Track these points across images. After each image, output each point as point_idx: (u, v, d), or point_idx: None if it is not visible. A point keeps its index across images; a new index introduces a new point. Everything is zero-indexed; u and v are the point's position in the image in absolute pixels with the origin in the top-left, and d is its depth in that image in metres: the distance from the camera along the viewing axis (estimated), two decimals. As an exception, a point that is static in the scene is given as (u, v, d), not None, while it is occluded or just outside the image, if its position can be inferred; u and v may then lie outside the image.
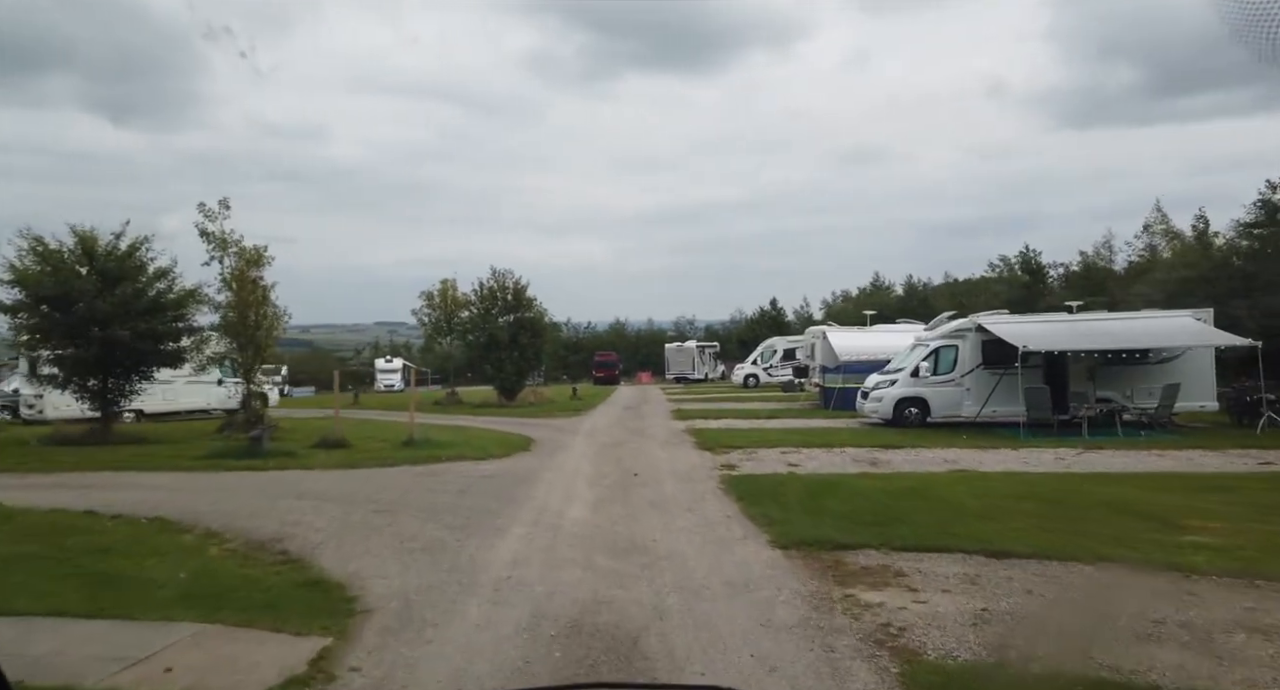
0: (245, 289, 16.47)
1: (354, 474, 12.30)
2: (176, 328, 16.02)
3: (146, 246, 15.99)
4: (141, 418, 23.52)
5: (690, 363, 55.29)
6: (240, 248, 17.16)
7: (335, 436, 15.08)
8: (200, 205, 17.10)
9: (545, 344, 29.04)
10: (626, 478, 11.65)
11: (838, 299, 65.74)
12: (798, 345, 42.64)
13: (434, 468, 12.98)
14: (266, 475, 12.24)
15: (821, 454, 13.92)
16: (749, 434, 17.43)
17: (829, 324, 27.53)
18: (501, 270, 28.51)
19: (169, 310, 15.78)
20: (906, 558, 6.54)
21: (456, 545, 7.50)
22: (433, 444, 15.46)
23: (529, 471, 12.40)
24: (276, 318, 17.61)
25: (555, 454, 14.78)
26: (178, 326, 16.08)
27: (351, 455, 14.15)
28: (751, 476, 11.38)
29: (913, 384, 18.79)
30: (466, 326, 29.08)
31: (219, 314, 16.55)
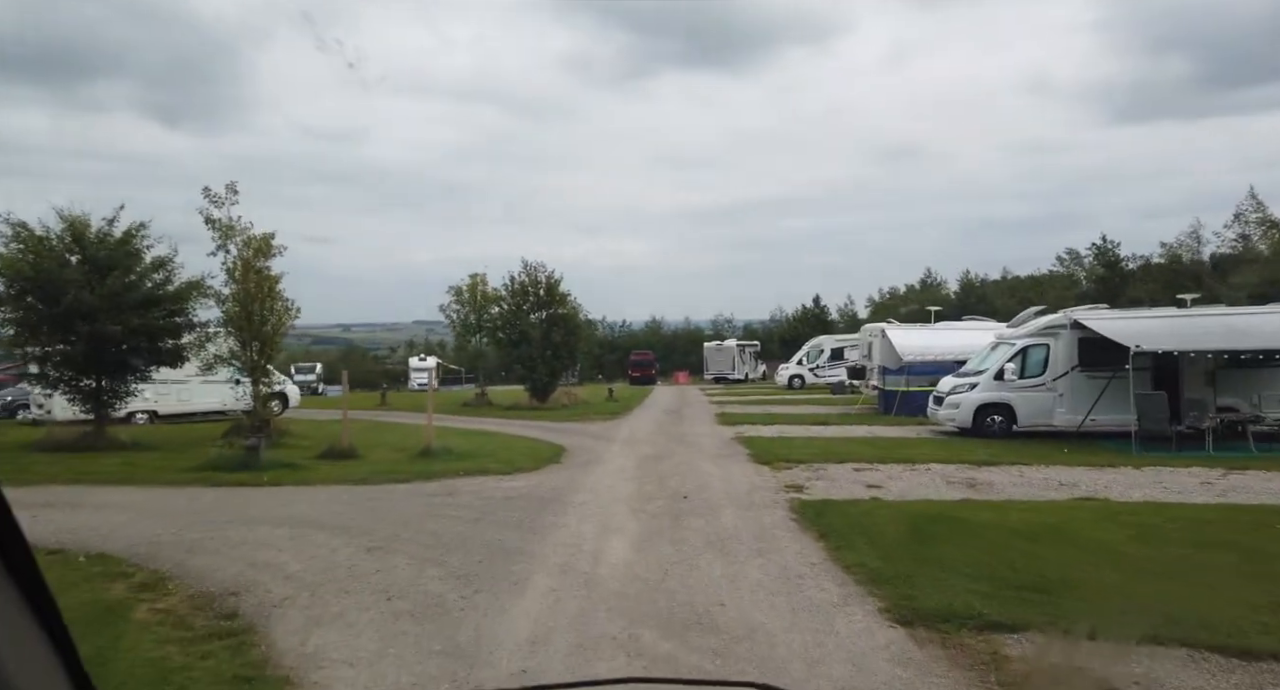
0: (250, 280, 14.93)
1: (356, 492, 10.58)
2: (176, 323, 14.54)
3: (143, 234, 14.58)
4: (155, 419, 22.35)
5: (730, 362, 53.09)
6: (248, 236, 15.64)
7: (343, 446, 13.42)
8: (205, 190, 15.62)
9: (580, 342, 27.25)
10: (674, 501, 9.70)
11: (885, 296, 62.89)
12: (847, 344, 40.21)
13: (450, 484, 11.20)
14: (256, 493, 10.59)
15: (903, 472, 11.79)
16: (809, 444, 15.33)
17: (889, 321, 25.24)
18: (533, 263, 26.84)
19: (167, 304, 14.31)
20: (1102, 653, 4.47)
21: (459, 608, 5.65)
22: (452, 454, 13.71)
23: (558, 491, 10.54)
24: (285, 312, 16.05)
25: (589, 468, 12.90)
26: (177, 322, 14.60)
27: (358, 468, 12.46)
28: (828, 503, 9.33)
29: (996, 388, 16.48)
30: (496, 323, 27.43)
31: (221, 308, 15.05)
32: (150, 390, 22.31)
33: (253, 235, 15.63)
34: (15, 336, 13.54)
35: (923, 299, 49.54)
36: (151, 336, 13.83)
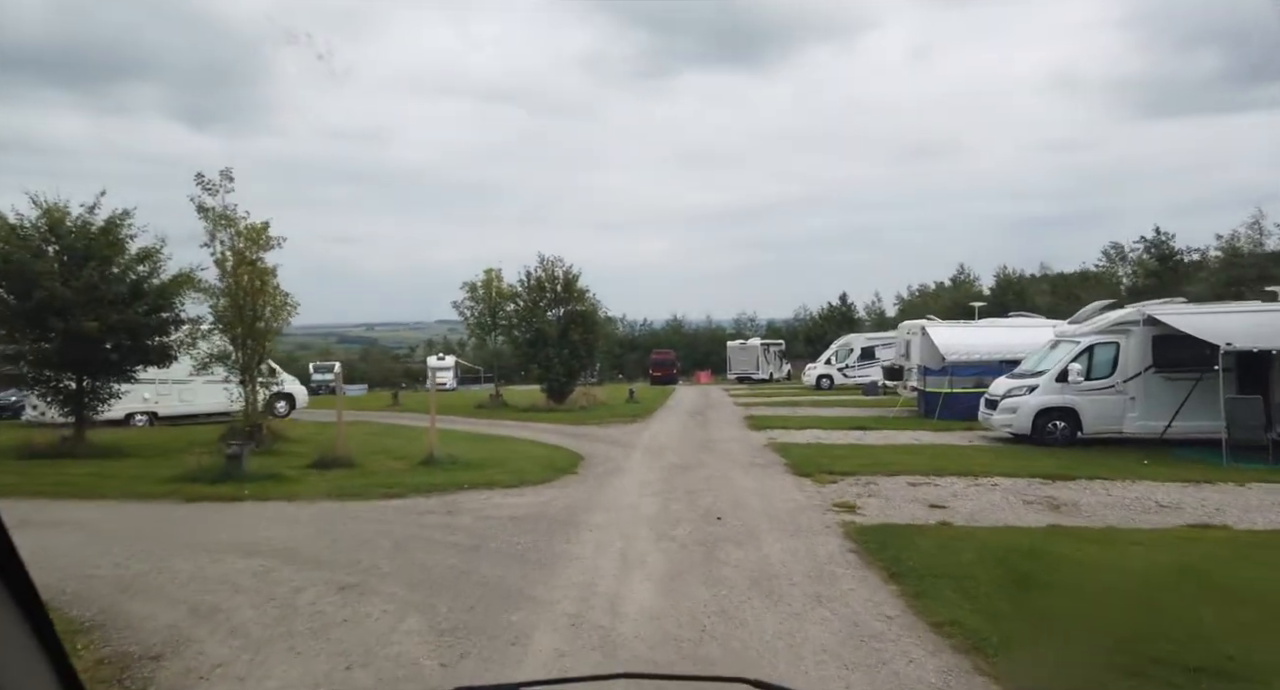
0: (241, 273, 13.78)
1: (343, 510, 9.32)
2: (162, 319, 13.42)
3: (128, 222, 13.48)
4: (155, 421, 21.40)
5: (754, 362, 51.51)
6: (243, 226, 14.49)
7: (335, 454, 12.19)
8: (198, 176, 14.51)
9: (599, 340, 25.94)
10: (707, 524, 8.33)
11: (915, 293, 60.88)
12: (879, 343, 38.52)
13: (450, 500, 9.92)
14: (231, 510, 9.38)
15: (967, 488, 10.30)
16: (852, 453, 13.86)
17: (928, 317, 23.62)
18: (550, 258, 25.55)
19: (152, 299, 13.19)
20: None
21: (437, 680, 4.33)
22: (457, 464, 12.44)
23: (572, 511, 9.20)
24: (281, 308, 14.89)
25: (608, 480, 11.55)
26: (163, 318, 13.48)
27: (351, 480, 11.22)
28: (888, 528, 7.89)
29: (1058, 390, 14.87)
30: (512, 321, 26.19)
31: (210, 303, 13.91)
32: (150, 391, 21.46)
33: (249, 224, 14.50)
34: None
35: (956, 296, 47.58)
36: (133, 333, 12.71)
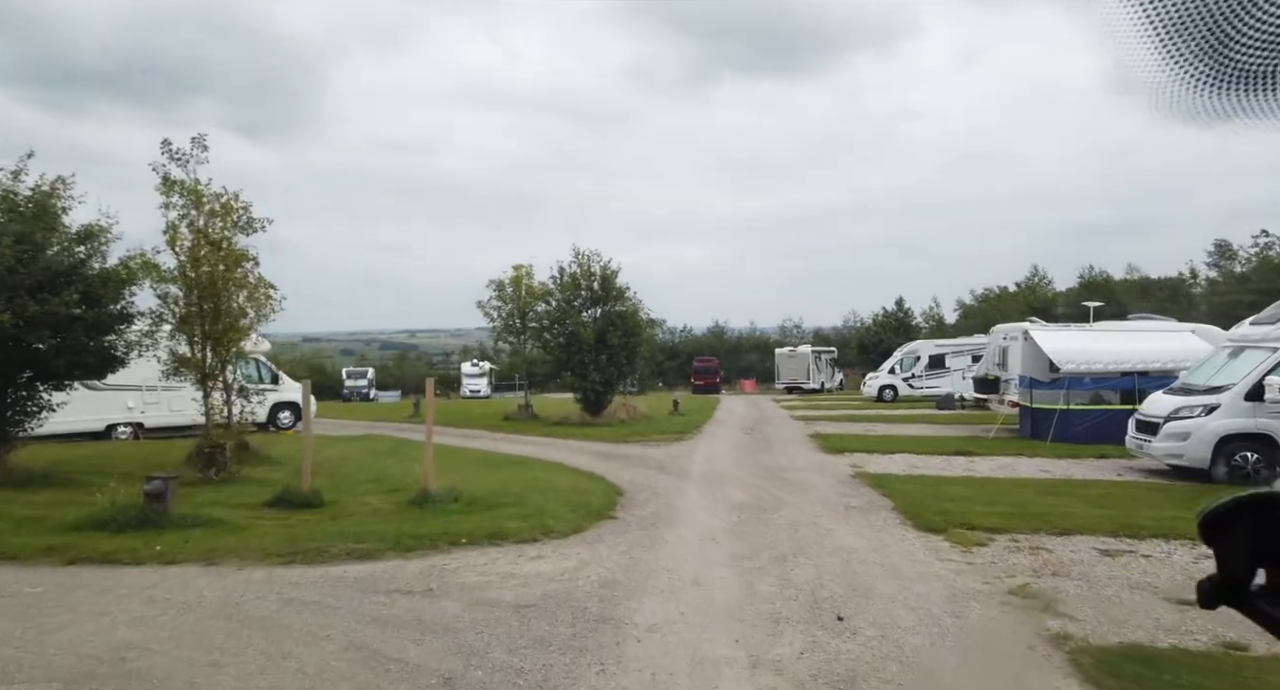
0: (202, 255, 11.06)
1: (273, 586, 6.36)
2: (103, 313, 10.77)
3: (67, 195, 10.90)
4: (140, 434, 18.98)
5: (804, 370, 47.96)
6: (214, 196, 11.75)
7: (301, 490, 9.30)
8: (164, 143, 11.87)
9: (640, 345, 22.88)
10: (823, 631, 5.16)
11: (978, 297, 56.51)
12: (949, 350, 34.72)
13: (438, 566, 6.92)
14: (109, 579, 6.48)
15: (1198, 560, 6.91)
16: (975, 491, 10.49)
17: (1030, 319, 20.04)
18: (586, 252, 22.59)
19: (88, 286, 10.54)
20: None
21: None
22: (459, 501, 9.48)
23: (609, 592, 6.12)
24: (259, 302, 12.14)
25: (659, 531, 8.44)
26: (106, 312, 10.83)
27: (311, 528, 8.30)
28: (1156, 660, 4.63)
29: (1248, 412, 11.29)
30: (543, 323, 23.30)
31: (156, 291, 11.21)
32: (134, 399, 19.09)
33: (218, 196, 11.79)
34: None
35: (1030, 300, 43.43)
36: (57, 330, 10.08)
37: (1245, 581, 0.80)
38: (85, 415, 17.78)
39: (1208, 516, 0.81)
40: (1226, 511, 0.80)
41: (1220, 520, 0.80)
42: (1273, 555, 0.79)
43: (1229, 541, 0.80)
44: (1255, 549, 0.79)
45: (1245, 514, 0.79)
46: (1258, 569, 0.80)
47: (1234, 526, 0.80)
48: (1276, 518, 0.78)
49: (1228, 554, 0.80)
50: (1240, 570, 0.79)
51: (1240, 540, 0.79)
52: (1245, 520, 0.79)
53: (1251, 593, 0.80)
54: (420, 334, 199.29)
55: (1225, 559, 0.80)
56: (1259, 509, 0.79)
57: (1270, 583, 0.79)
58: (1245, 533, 0.79)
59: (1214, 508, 0.81)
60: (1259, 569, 0.80)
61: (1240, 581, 0.80)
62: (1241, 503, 0.80)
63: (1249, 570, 0.80)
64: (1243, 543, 0.79)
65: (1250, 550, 0.79)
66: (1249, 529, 0.79)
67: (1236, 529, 0.80)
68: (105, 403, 18.23)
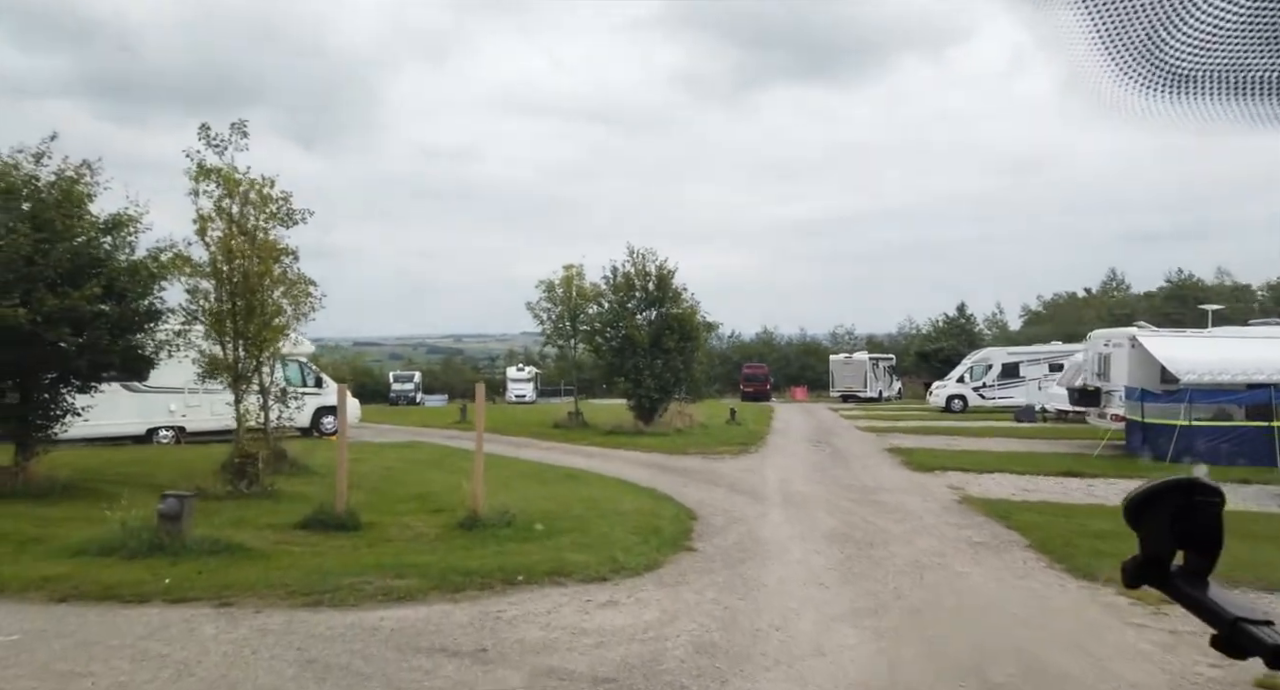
0: (234, 246, 10.10)
1: (292, 637, 5.18)
2: (127, 309, 9.88)
3: (93, 180, 10.07)
4: (182, 438, 18.34)
5: (861, 378, 45.96)
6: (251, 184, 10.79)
7: (336, 512, 8.17)
8: (202, 128, 10.97)
9: (698, 350, 21.50)
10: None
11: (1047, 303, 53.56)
12: (1024, 358, 32.48)
13: (491, 614, 5.67)
14: (104, 623, 5.38)
15: None
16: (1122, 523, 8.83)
17: (1139, 324, 18.01)
18: (641, 250, 21.34)
19: (113, 280, 9.67)
20: None
21: None
22: (513, 527, 8.24)
23: (710, 661, 4.77)
24: (297, 299, 11.17)
25: (749, 570, 7.05)
26: (130, 308, 9.94)
27: (345, 558, 7.15)
28: None
29: None
30: (594, 325, 22.11)
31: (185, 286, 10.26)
32: (176, 402, 18.48)
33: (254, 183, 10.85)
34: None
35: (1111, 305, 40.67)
36: (79, 327, 9.20)
37: (1165, 562, 0.83)
38: (126, 418, 17.23)
39: (1131, 501, 0.84)
40: (1148, 496, 0.84)
41: (1142, 505, 0.84)
42: (1189, 538, 0.83)
43: (1150, 525, 0.83)
44: (1174, 532, 0.82)
45: (1165, 499, 0.83)
46: (1176, 551, 0.83)
47: (1155, 511, 0.83)
48: (1193, 502, 0.82)
49: (1150, 536, 0.83)
50: (1161, 552, 0.83)
51: (1161, 524, 0.83)
52: (1165, 505, 0.83)
53: (1171, 573, 0.84)
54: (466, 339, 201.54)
55: (1147, 541, 0.84)
56: (1178, 494, 0.82)
57: (1187, 564, 0.83)
58: (1165, 517, 0.82)
59: (1137, 493, 0.85)
60: (1177, 551, 0.83)
61: (1161, 562, 0.83)
62: (1162, 488, 0.83)
63: (1169, 552, 0.83)
64: (1163, 526, 0.83)
65: (1169, 533, 0.82)
66: (1169, 513, 0.82)
67: (1157, 513, 0.83)
68: (147, 405, 17.66)
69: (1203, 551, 0.84)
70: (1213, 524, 0.83)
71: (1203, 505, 0.83)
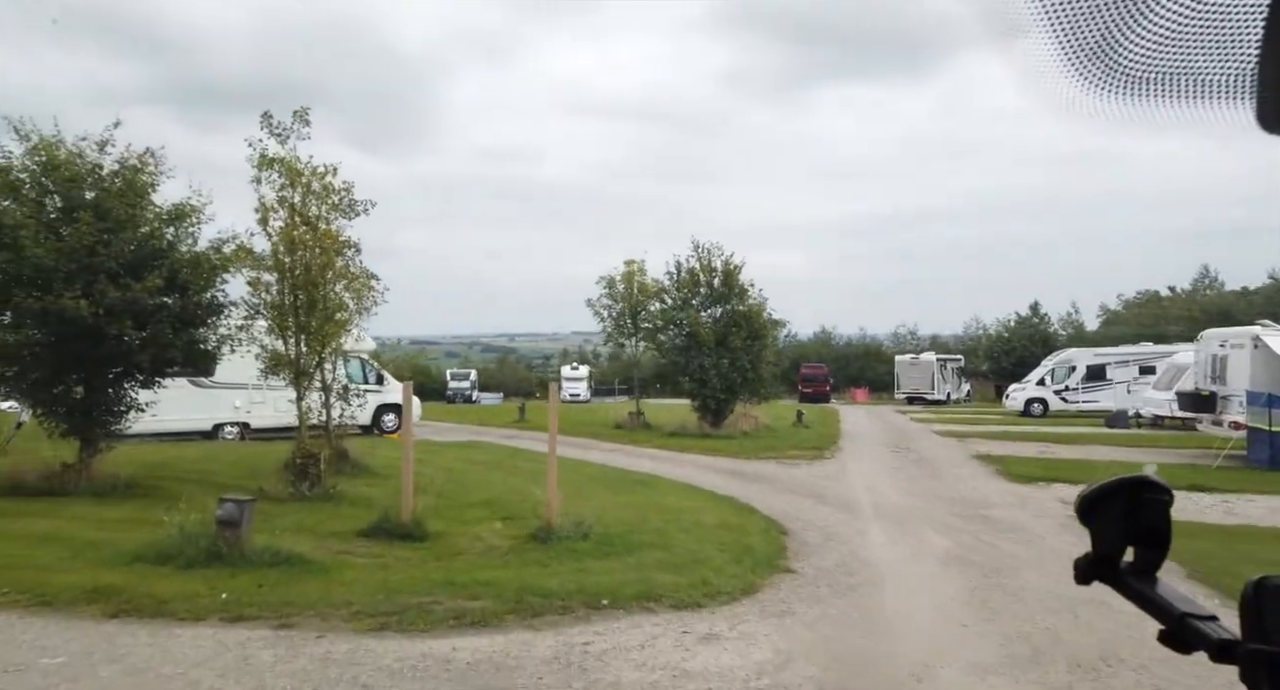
0: (296, 236, 9.67)
1: (357, 669, 4.55)
2: (189, 302, 9.54)
3: (156, 170, 9.76)
4: (246, 434, 18.27)
5: (928, 379, 44.10)
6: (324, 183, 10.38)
7: (401, 519, 7.58)
8: (265, 116, 10.60)
9: (765, 349, 20.50)
10: None
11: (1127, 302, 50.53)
12: (1111, 360, 30.40)
13: (573, 646, 4.95)
14: (154, 646, 4.83)
15: None
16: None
17: (1263, 323, 16.28)
18: (706, 245, 20.46)
19: (175, 272, 9.33)
20: None
21: None
22: (589, 539, 7.52)
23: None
24: (359, 293, 10.72)
25: (864, 599, 6.16)
26: (191, 301, 9.59)
27: (411, 572, 6.53)
28: None
29: None
30: (656, 323, 21.34)
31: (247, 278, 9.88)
32: (240, 397, 18.43)
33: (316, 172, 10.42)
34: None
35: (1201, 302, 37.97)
36: (139, 320, 8.88)
37: (1116, 560, 0.83)
38: (193, 413, 17.21)
39: (1083, 499, 0.84)
40: (1099, 494, 0.83)
41: (1094, 503, 0.83)
42: (1139, 535, 0.82)
43: (1102, 522, 0.83)
44: (1124, 529, 0.82)
45: (1117, 497, 0.82)
46: (1126, 547, 0.83)
47: (1107, 508, 0.82)
48: (1143, 500, 0.81)
49: (1101, 534, 0.83)
50: (1111, 549, 0.82)
51: (1111, 521, 0.82)
52: (1116, 502, 0.82)
53: (1121, 569, 0.83)
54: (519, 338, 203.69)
55: (1099, 539, 0.83)
56: (1129, 492, 0.82)
57: (1137, 560, 0.83)
58: (1116, 514, 0.82)
59: (1089, 491, 0.84)
60: (1127, 547, 0.83)
61: (1112, 560, 0.83)
62: (1113, 486, 0.83)
63: (1119, 549, 0.83)
64: (1114, 523, 0.82)
65: (1120, 530, 0.82)
66: (1119, 511, 0.82)
67: (1109, 511, 0.82)
68: (213, 401, 17.63)
69: (1152, 548, 0.82)
70: (1161, 521, 0.82)
71: (1152, 503, 0.82)
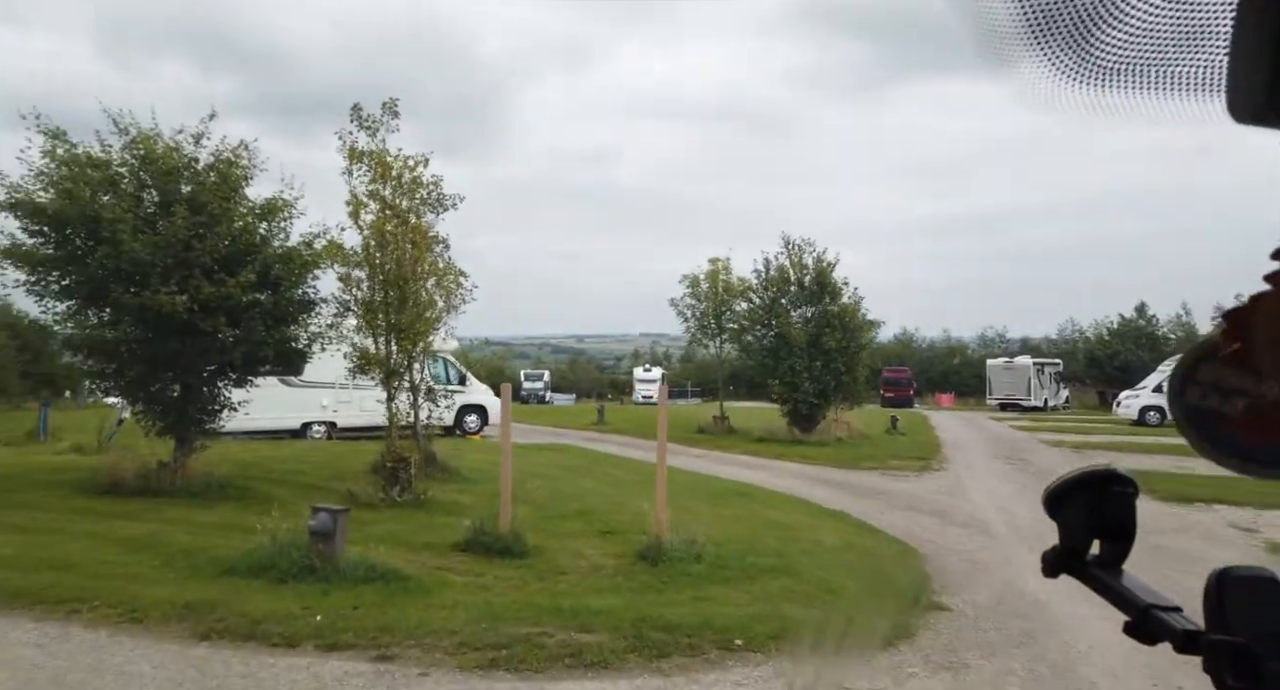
0: (388, 231, 9.27)
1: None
2: (282, 298, 9.25)
3: (250, 163, 9.53)
4: (333, 433, 18.30)
5: (1024, 385, 41.46)
6: (414, 177, 9.99)
7: (499, 532, 6.98)
8: (354, 109, 10.29)
9: (862, 350, 19.28)
10: None
11: (1249, 302, 46.19)
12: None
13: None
14: (236, 684, 4.32)
15: None
16: None
17: None
18: (797, 241, 19.39)
19: (269, 267, 9.06)
20: None
21: None
22: (703, 561, 6.73)
23: None
24: (449, 290, 10.26)
25: (1049, 652, 5.15)
26: (285, 297, 9.31)
27: (517, 595, 5.88)
28: None
29: None
30: (743, 323, 20.39)
31: (338, 274, 9.53)
32: (328, 397, 18.49)
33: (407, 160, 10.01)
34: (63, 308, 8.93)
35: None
36: (233, 317, 8.62)
37: (1083, 552, 0.84)
38: (282, 412, 17.33)
39: (1050, 492, 0.85)
40: (1066, 487, 0.84)
41: (1061, 496, 0.84)
42: (1105, 528, 0.83)
43: (1069, 515, 0.83)
44: (1090, 522, 0.83)
45: (1082, 490, 0.83)
46: (1093, 540, 0.84)
47: (1073, 502, 0.83)
48: (1109, 493, 0.82)
49: (1068, 527, 0.84)
50: (1078, 542, 0.83)
51: (1078, 514, 0.83)
52: (1083, 496, 0.83)
53: (1088, 562, 0.84)
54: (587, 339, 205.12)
55: (1066, 532, 0.84)
56: (1095, 485, 0.83)
57: (1103, 553, 0.84)
58: (1083, 507, 0.83)
59: (1056, 484, 0.85)
60: (1094, 540, 0.84)
61: (1079, 552, 0.84)
62: (1080, 479, 0.84)
63: (1086, 542, 0.84)
64: (1080, 516, 0.83)
65: (1086, 523, 0.83)
66: (1086, 504, 0.83)
67: (1075, 504, 0.83)
68: (302, 400, 17.73)
69: (1118, 541, 0.82)
70: (1127, 514, 0.82)
71: (1118, 495, 0.82)
